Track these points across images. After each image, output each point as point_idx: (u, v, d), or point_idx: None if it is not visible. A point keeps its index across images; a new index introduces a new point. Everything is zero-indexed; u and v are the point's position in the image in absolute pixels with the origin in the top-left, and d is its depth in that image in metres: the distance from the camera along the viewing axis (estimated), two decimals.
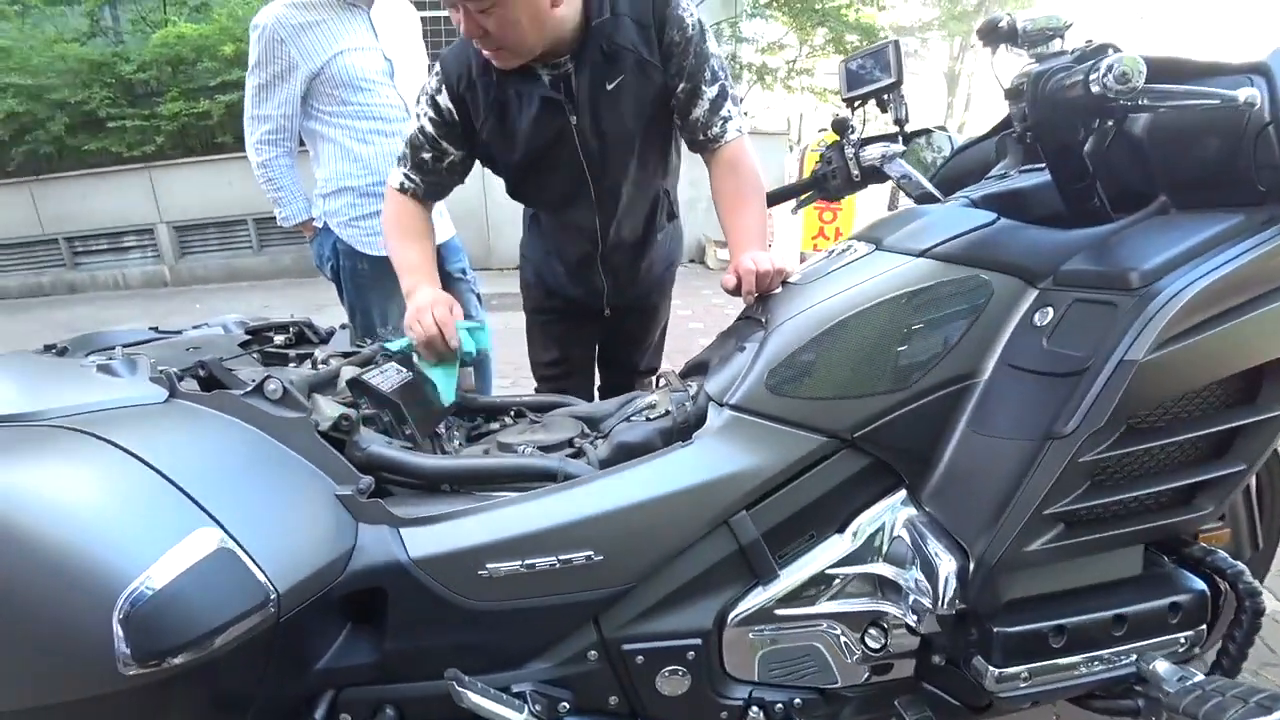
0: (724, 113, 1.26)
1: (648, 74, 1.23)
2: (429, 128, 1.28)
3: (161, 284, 6.76)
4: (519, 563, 0.86)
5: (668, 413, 1.03)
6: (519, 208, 1.53)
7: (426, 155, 1.29)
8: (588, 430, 1.13)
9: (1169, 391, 0.83)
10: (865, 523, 0.95)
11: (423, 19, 2.02)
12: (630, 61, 1.21)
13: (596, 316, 1.55)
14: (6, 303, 6.64)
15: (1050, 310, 0.89)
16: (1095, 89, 0.78)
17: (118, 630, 0.67)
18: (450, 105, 1.26)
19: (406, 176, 1.31)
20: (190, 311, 5.60)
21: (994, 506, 0.86)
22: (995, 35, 0.97)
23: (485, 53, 1.18)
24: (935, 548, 0.91)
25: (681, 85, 1.24)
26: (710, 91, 1.24)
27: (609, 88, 1.22)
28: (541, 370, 1.65)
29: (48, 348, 1.09)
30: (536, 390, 1.66)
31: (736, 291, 1.09)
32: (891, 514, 0.95)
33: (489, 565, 0.86)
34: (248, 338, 1.27)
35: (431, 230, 1.36)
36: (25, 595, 0.68)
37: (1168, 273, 0.82)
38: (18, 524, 0.68)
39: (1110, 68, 0.77)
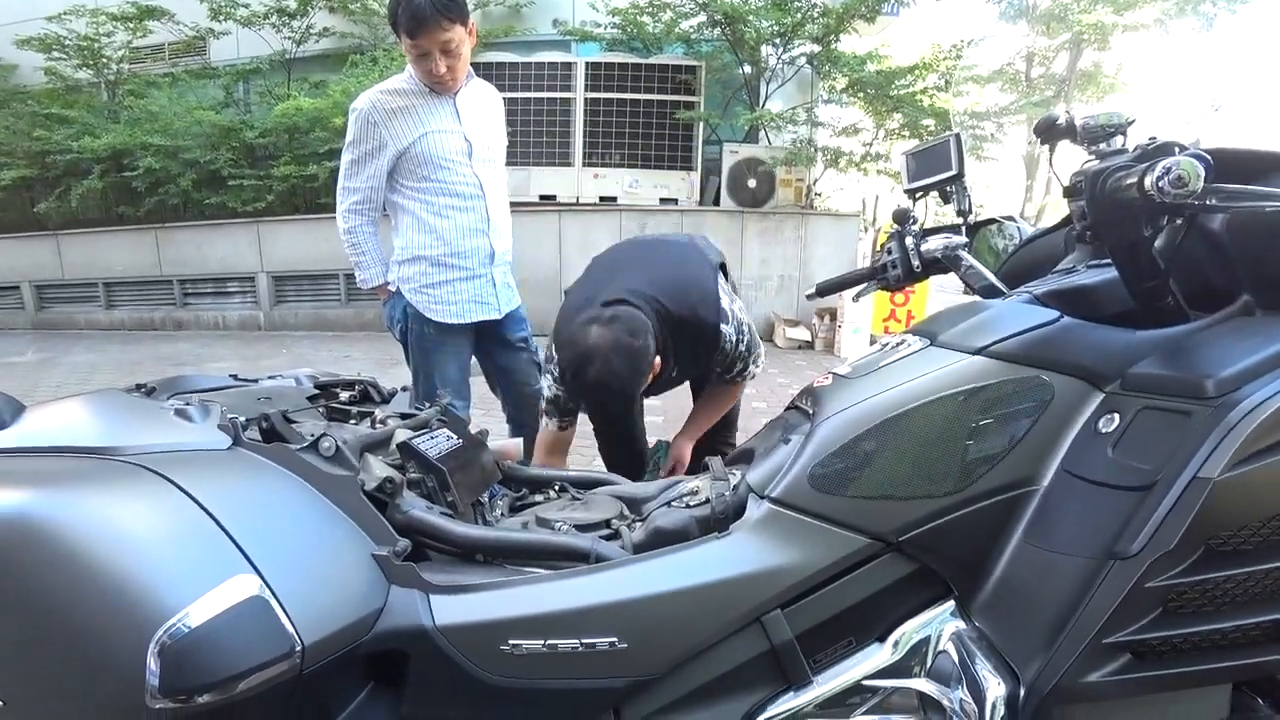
0: (737, 370, 1.68)
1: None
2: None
3: (256, 327, 7.26)
4: (541, 641, 0.85)
5: (707, 500, 1.01)
6: None
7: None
8: (627, 512, 1.12)
9: (1254, 514, 0.75)
10: (908, 633, 0.90)
11: (506, 100, 2.17)
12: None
13: None
14: (121, 333, 7.28)
15: (1116, 417, 0.83)
16: (1151, 192, 0.75)
17: (151, 662, 0.69)
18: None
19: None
20: (277, 355, 5.97)
21: (1049, 628, 0.79)
22: (1054, 133, 0.95)
23: None
24: (984, 668, 0.83)
25: (717, 369, 1.68)
26: (737, 365, 1.67)
27: None
28: None
29: (138, 386, 1.17)
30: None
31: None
32: (938, 626, 0.89)
33: (511, 641, 0.85)
34: (316, 392, 1.33)
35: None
36: (71, 615, 0.72)
37: (1248, 381, 0.75)
38: (78, 547, 0.73)
39: (1167, 170, 0.73)
